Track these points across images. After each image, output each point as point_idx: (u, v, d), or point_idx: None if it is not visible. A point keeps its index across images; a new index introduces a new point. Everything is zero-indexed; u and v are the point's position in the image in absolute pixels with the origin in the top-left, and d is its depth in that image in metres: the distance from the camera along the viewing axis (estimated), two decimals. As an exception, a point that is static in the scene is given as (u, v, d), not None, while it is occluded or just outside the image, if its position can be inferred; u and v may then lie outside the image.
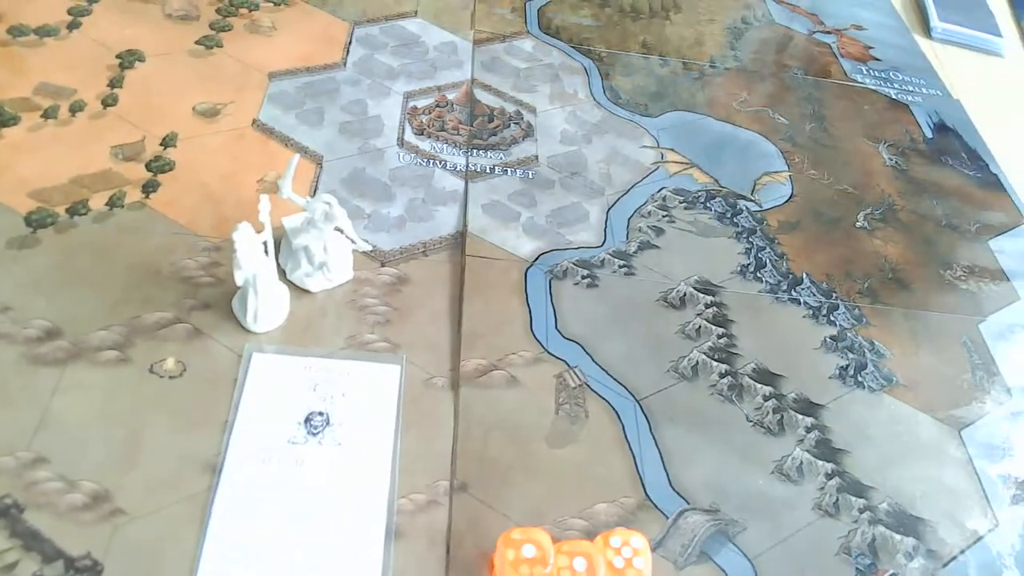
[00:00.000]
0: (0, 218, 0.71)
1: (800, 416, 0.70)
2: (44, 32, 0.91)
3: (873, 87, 1.13)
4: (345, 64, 0.96)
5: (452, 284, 0.75)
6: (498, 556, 0.54)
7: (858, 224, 0.90)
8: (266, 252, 0.65)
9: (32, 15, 0.92)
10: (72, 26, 0.92)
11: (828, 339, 0.77)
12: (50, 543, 0.53)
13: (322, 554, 0.55)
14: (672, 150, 0.94)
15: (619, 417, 0.67)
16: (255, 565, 0.54)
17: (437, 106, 0.94)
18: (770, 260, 0.83)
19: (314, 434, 0.62)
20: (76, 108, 0.83)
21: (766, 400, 0.71)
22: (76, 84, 0.85)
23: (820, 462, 0.67)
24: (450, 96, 0.95)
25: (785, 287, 0.81)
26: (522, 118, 0.94)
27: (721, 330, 0.75)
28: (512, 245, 0.79)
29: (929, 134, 1.06)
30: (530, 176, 0.87)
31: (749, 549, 0.61)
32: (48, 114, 0.82)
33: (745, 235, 0.85)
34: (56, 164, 0.77)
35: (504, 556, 0.53)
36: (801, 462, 0.67)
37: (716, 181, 0.91)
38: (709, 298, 0.78)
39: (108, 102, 0.84)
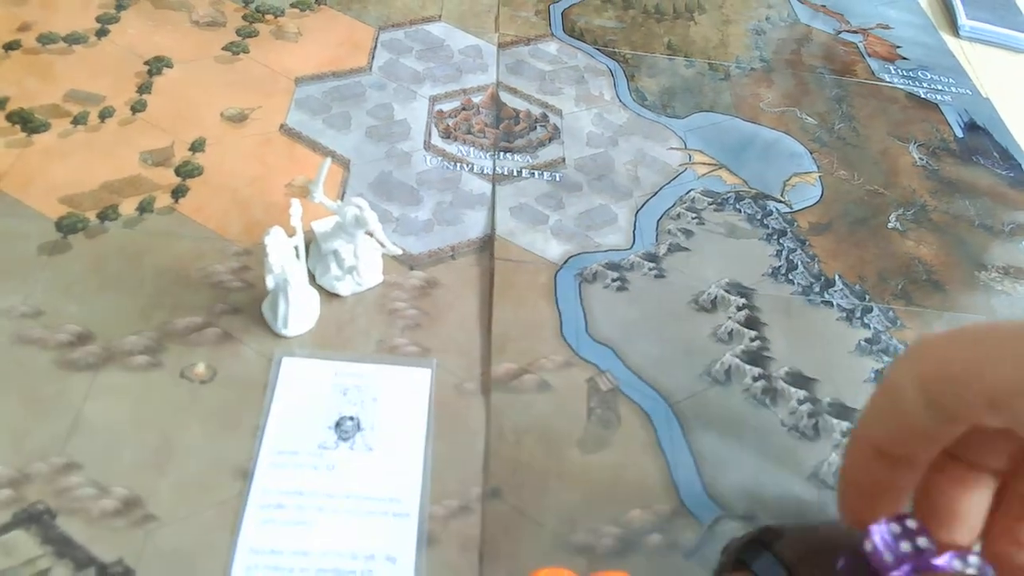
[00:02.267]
0: (31, 223, 0.71)
1: (836, 420, 0.69)
2: (73, 39, 0.91)
3: (901, 86, 1.11)
4: (371, 68, 0.96)
5: (481, 287, 0.74)
6: None
7: (890, 225, 0.89)
8: (297, 256, 0.65)
9: (61, 23, 0.93)
10: (100, 33, 0.93)
11: (863, 342, 0.75)
12: (82, 549, 0.53)
13: (354, 559, 0.55)
14: (700, 151, 0.93)
15: (651, 422, 0.66)
16: (288, 571, 0.54)
17: (463, 109, 0.93)
18: (802, 262, 0.82)
19: (345, 439, 0.61)
20: (105, 114, 0.83)
21: (801, 404, 0.70)
22: (105, 90, 0.86)
23: (858, 467, 0.66)
24: (476, 99, 0.95)
25: (817, 289, 0.80)
26: (548, 120, 0.94)
27: (754, 333, 0.74)
28: (541, 248, 0.78)
29: (960, 133, 1.04)
30: (557, 179, 0.86)
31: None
32: (78, 120, 0.82)
33: (776, 236, 0.84)
34: (86, 170, 0.77)
35: None
36: (837, 468, 0.66)
37: (745, 182, 0.90)
38: (741, 300, 0.77)
39: (137, 108, 0.85)
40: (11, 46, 0.89)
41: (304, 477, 0.59)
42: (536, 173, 0.87)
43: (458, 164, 0.86)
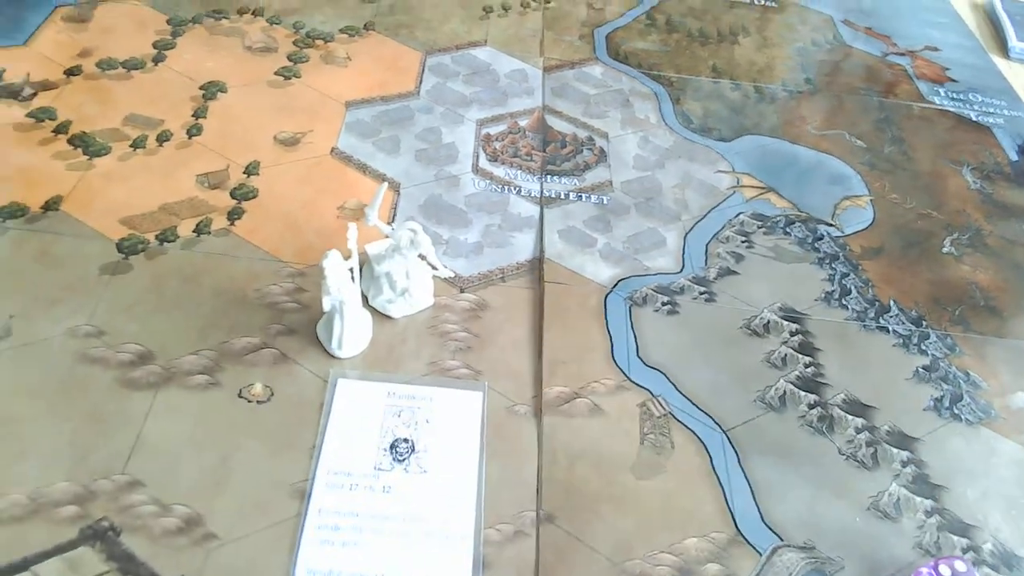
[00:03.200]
0: (93, 244, 0.73)
1: (895, 449, 0.68)
2: (131, 65, 0.94)
3: (952, 109, 1.10)
4: (419, 92, 0.97)
5: (531, 310, 0.74)
6: None
7: (944, 249, 0.87)
8: (352, 279, 0.66)
9: (120, 49, 0.96)
10: (157, 59, 0.96)
11: (920, 369, 0.74)
12: (145, 567, 0.54)
13: (411, 584, 0.55)
14: (748, 174, 0.93)
15: (706, 448, 0.66)
16: (345, 593, 0.54)
17: (510, 133, 0.94)
18: (855, 287, 0.81)
19: (400, 461, 0.61)
20: (163, 138, 0.85)
21: (858, 432, 0.68)
22: (162, 115, 0.88)
23: (918, 498, 0.65)
24: (522, 123, 0.96)
25: (872, 315, 0.78)
26: (594, 143, 0.94)
27: (808, 359, 0.73)
28: (590, 271, 0.78)
29: (1015, 156, 1.03)
30: (605, 202, 0.87)
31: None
32: (137, 144, 0.84)
33: (828, 261, 0.83)
34: (145, 192, 0.79)
35: None
36: (898, 498, 0.64)
37: (795, 205, 0.89)
38: (794, 326, 0.76)
39: (193, 132, 0.86)
40: (72, 72, 0.92)
41: (360, 499, 0.59)
42: (583, 196, 0.87)
43: (506, 187, 0.87)
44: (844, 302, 0.79)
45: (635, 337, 0.73)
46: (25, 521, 0.55)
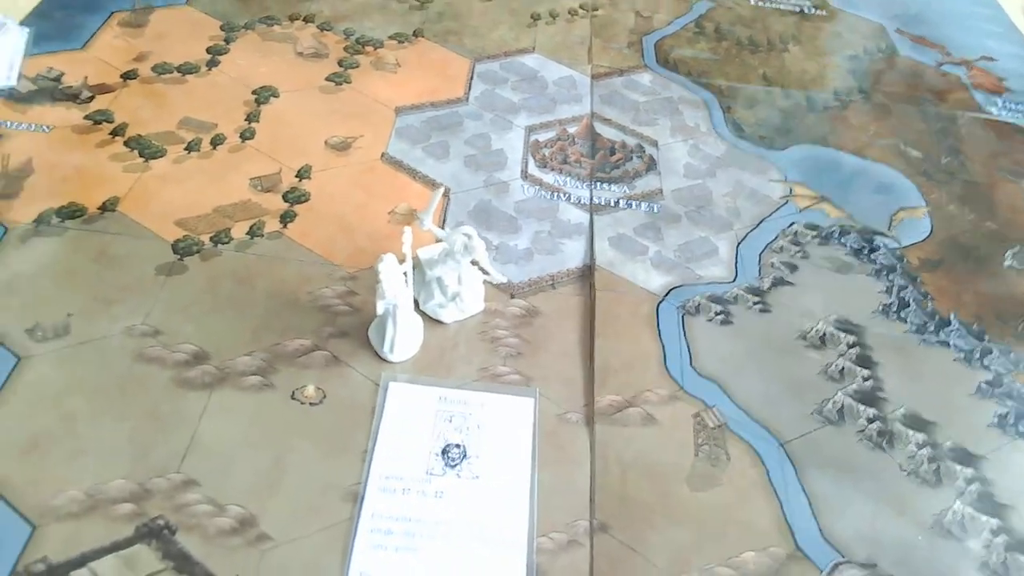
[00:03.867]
0: (149, 245, 0.74)
1: (958, 466, 0.66)
2: (186, 69, 0.95)
3: (1010, 120, 1.07)
4: (467, 99, 0.97)
5: (582, 317, 0.74)
6: None
7: (1006, 263, 0.85)
8: (406, 282, 0.65)
9: (174, 53, 0.97)
10: (211, 64, 0.97)
11: (983, 384, 0.72)
12: (200, 566, 0.54)
13: (464, 591, 0.54)
14: (801, 184, 0.91)
15: (762, 461, 0.64)
16: (398, 599, 0.53)
17: (558, 139, 0.94)
18: (914, 299, 0.79)
19: (452, 466, 0.61)
20: (217, 141, 0.86)
21: (920, 448, 0.66)
22: (216, 118, 0.89)
23: (984, 517, 0.63)
24: (571, 130, 0.95)
25: (932, 328, 0.76)
26: (644, 151, 0.93)
27: (866, 372, 0.71)
28: (642, 279, 0.77)
29: (1077, 169, 1.00)
30: (655, 210, 0.86)
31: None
32: (191, 147, 0.85)
33: (885, 273, 0.81)
34: (199, 194, 0.80)
35: None
36: (963, 516, 0.62)
37: (849, 216, 0.88)
38: (851, 338, 0.74)
39: (246, 135, 0.87)
40: (128, 75, 0.93)
41: (413, 503, 0.58)
42: (633, 204, 0.86)
43: (555, 194, 0.86)
44: (902, 315, 0.77)
45: (688, 346, 0.72)
46: (82, 518, 0.55)
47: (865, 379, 0.71)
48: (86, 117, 0.87)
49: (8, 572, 0.52)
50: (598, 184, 0.88)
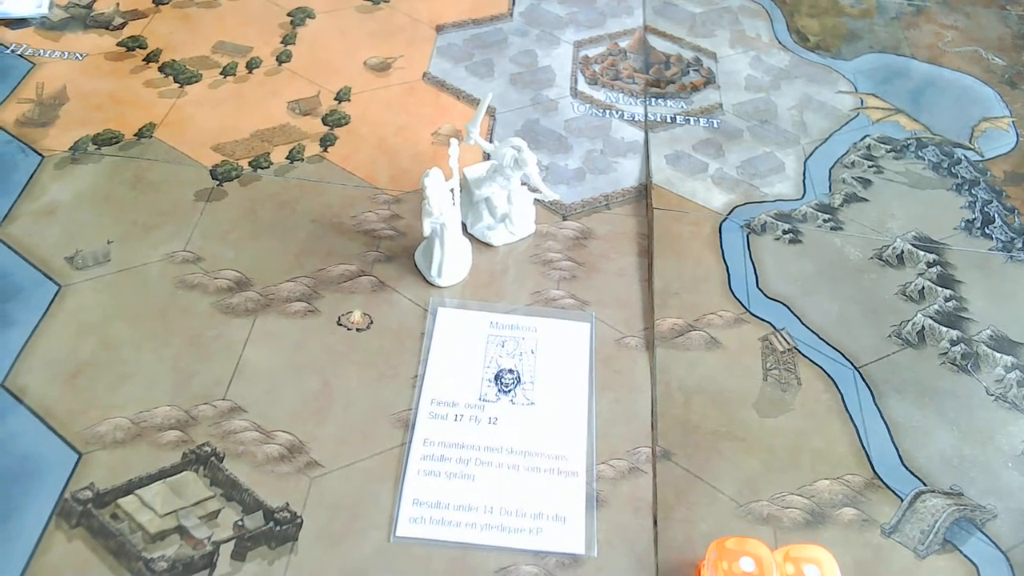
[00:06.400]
0: (188, 171, 0.71)
1: (1052, 391, 0.61)
2: (218, -7, 0.91)
3: (1105, 22, 0.98)
4: (512, 15, 0.92)
5: (639, 238, 0.69)
6: (708, 567, 0.48)
7: (1102, 175, 0.78)
8: (453, 201, 0.62)
9: (207, -23, 0.93)
10: (244, -14, 0.93)
11: (1079, 304, 0.66)
12: (249, 493, 0.52)
13: (521, 517, 0.52)
14: (873, 95, 0.84)
15: (836, 386, 0.60)
16: (453, 527, 0.51)
17: (609, 55, 0.88)
18: (998, 215, 0.73)
19: (506, 392, 0.58)
20: (253, 65, 0.83)
21: (1008, 372, 0.61)
22: (251, 41, 0.85)
23: (1081, 444, 0.58)
24: (622, 44, 0.89)
25: (1020, 245, 0.70)
26: (701, 64, 0.87)
27: (948, 292, 0.66)
28: (702, 197, 0.73)
29: None
30: (715, 125, 0.80)
31: (1001, 540, 0.53)
32: (226, 71, 0.82)
33: (967, 187, 0.75)
34: (237, 119, 0.77)
35: (718, 568, 0.47)
36: (1057, 443, 0.58)
37: (927, 128, 0.81)
38: (931, 256, 0.69)
39: (282, 58, 0.84)
40: (160, 1, 0.90)
41: (465, 430, 0.56)
42: (691, 120, 0.81)
43: (607, 111, 0.81)
44: (987, 231, 0.71)
45: (754, 267, 0.67)
46: (128, 445, 0.54)
47: (947, 299, 0.66)
48: (119, 44, 0.84)
49: (55, 499, 0.51)
50: (653, 100, 0.82)
